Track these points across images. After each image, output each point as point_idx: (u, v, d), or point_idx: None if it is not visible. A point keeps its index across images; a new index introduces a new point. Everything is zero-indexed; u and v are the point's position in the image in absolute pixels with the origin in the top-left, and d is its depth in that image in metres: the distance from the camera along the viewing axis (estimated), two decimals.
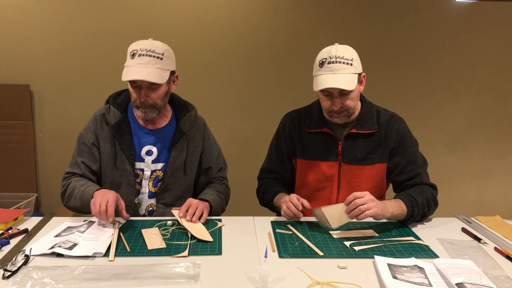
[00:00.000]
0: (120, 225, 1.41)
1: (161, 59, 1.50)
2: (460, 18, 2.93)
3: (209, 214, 1.56)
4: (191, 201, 1.51)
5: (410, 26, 2.93)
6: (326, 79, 1.47)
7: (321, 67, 1.51)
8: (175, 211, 1.49)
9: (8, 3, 2.75)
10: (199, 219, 1.47)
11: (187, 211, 1.46)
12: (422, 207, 1.48)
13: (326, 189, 1.64)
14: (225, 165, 1.80)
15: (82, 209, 1.51)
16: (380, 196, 1.67)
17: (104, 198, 1.38)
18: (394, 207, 1.44)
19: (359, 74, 1.53)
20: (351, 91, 1.49)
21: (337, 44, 1.54)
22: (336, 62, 1.48)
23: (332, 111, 1.54)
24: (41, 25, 2.79)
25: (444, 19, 2.93)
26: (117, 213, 1.44)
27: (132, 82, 1.51)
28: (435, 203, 1.55)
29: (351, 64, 1.48)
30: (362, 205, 1.34)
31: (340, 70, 1.47)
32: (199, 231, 1.37)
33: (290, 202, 1.48)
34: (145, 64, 1.48)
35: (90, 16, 2.79)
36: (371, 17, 2.90)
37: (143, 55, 1.49)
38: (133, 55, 1.50)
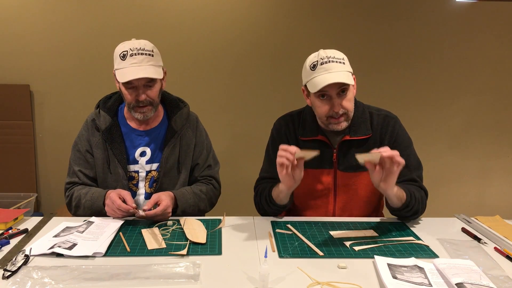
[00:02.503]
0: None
1: (152, 56, 1.51)
2: (460, 18, 2.93)
3: (175, 212, 1.54)
4: (163, 201, 1.47)
5: (410, 26, 2.93)
6: (324, 78, 1.43)
7: (313, 69, 1.46)
8: (181, 220, 1.48)
9: (8, 3, 2.75)
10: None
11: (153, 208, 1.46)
12: (417, 203, 1.46)
13: (322, 197, 1.61)
14: (215, 163, 1.75)
15: (93, 216, 1.52)
16: (378, 201, 1.67)
17: (112, 207, 1.44)
18: (398, 189, 1.41)
19: (352, 74, 1.50)
20: (349, 91, 1.47)
21: (321, 49, 1.50)
22: (329, 61, 1.44)
23: (331, 116, 1.48)
24: (41, 24, 2.79)
25: (444, 19, 2.93)
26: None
27: (128, 84, 1.49)
28: (424, 208, 1.54)
29: (344, 63, 1.46)
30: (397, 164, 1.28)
31: (335, 68, 1.44)
32: (195, 232, 1.37)
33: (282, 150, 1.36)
34: (139, 63, 1.48)
35: (90, 16, 2.79)
36: (370, 17, 2.90)
37: (135, 54, 1.48)
38: (123, 57, 1.48)
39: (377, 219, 1.55)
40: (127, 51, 1.49)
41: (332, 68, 1.44)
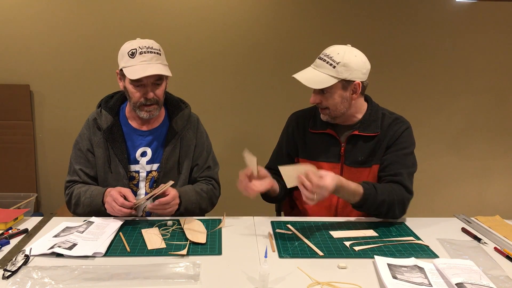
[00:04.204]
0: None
1: (160, 54, 1.54)
2: (460, 18, 2.93)
3: (178, 209, 1.53)
4: (171, 192, 1.47)
5: (410, 26, 2.93)
6: (304, 71, 1.52)
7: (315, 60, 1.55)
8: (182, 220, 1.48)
9: (8, 3, 2.75)
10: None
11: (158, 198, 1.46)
12: (379, 205, 1.44)
13: None
14: (214, 164, 1.75)
15: (92, 214, 1.52)
16: None
17: (111, 205, 1.43)
18: (346, 193, 1.40)
19: (347, 81, 1.49)
20: (327, 92, 1.50)
21: (349, 45, 1.53)
22: (321, 59, 1.51)
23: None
24: (41, 25, 2.79)
25: (444, 19, 2.93)
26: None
27: (137, 81, 1.50)
28: (401, 208, 1.50)
29: (334, 67, 1.46)
30: (313, 191, 1.27)
31: (320, 67, 1.50)
32: (195, 232, 1.37)
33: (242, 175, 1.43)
34: (149, 60, 1.50)
35: (90, 16, 2.79)
36: (370, 17, 2.90)
37: (144, 52, 1.50)
38: (132, 54, 1.49)
39: (377, 219, 1.55)
40: (136, 49, 1.49)
41: (318, 66, 1.52)
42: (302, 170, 1.31)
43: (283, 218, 1.56)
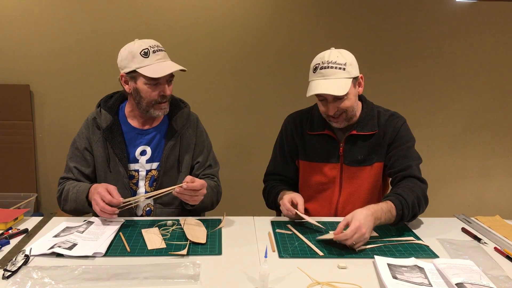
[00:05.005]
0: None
1: (165, 52, 1.56)
2: (460, 18, 2.93)
3: (197, 205, 1.52)
4: (201, 182, 1.44)
5: (410, 26, 2.93)
6: (318, 85, 1.48)
7: (314, 72, 1.52)
8: (181, 220, 1.48)
9: (8, 3, 2.75)
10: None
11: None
12: (413, 208, 1.43)
13: (328, 190, 1.65)
14: (215, 163, 1.75)
15: (78, 211, 1.52)
16: (380, 194, 1.68)
17: (97, 202, 1.39)
18: (384, 215, 1.37)
19: (355, 78, 1.52)
20: (344, 95, 1.49)
21: (332, 48, 1.53)
22: (328, 67, 1.48)
23: (329, 116, 1.55)
24: (41, 25, 2.79)
25: (444, 19, 2.93)
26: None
27: (154, 80, 1.51)
28: (426, 200, 1.50)
29: (344, 69, 1.48)
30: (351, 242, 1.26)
31: (332, 75, 1.48)
32: (195, 232, 1.37)
33: (284, 207, 1.48)
34: (163, 58, 1.53)
35: (90, 16, 2.79)
36: (370, 18, 2.90)
37: (156, 51, 1.52)
38: (145, 54, 1.50)
39: None
40: (147, 48, 1.50)
41: (329, 75, 1.48)
42: (331, 235, 1.29)
43: (283, 218, 1.56)
